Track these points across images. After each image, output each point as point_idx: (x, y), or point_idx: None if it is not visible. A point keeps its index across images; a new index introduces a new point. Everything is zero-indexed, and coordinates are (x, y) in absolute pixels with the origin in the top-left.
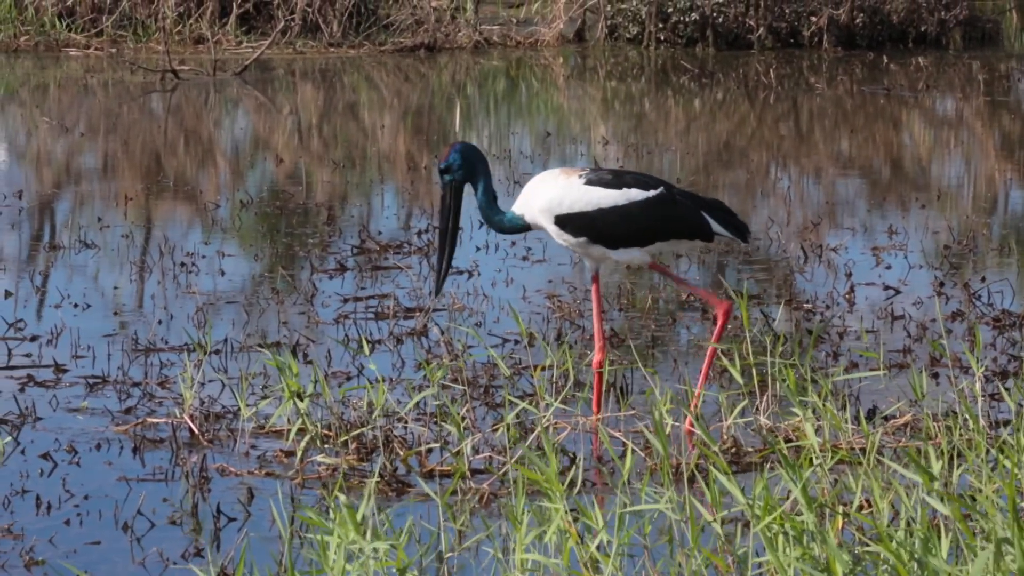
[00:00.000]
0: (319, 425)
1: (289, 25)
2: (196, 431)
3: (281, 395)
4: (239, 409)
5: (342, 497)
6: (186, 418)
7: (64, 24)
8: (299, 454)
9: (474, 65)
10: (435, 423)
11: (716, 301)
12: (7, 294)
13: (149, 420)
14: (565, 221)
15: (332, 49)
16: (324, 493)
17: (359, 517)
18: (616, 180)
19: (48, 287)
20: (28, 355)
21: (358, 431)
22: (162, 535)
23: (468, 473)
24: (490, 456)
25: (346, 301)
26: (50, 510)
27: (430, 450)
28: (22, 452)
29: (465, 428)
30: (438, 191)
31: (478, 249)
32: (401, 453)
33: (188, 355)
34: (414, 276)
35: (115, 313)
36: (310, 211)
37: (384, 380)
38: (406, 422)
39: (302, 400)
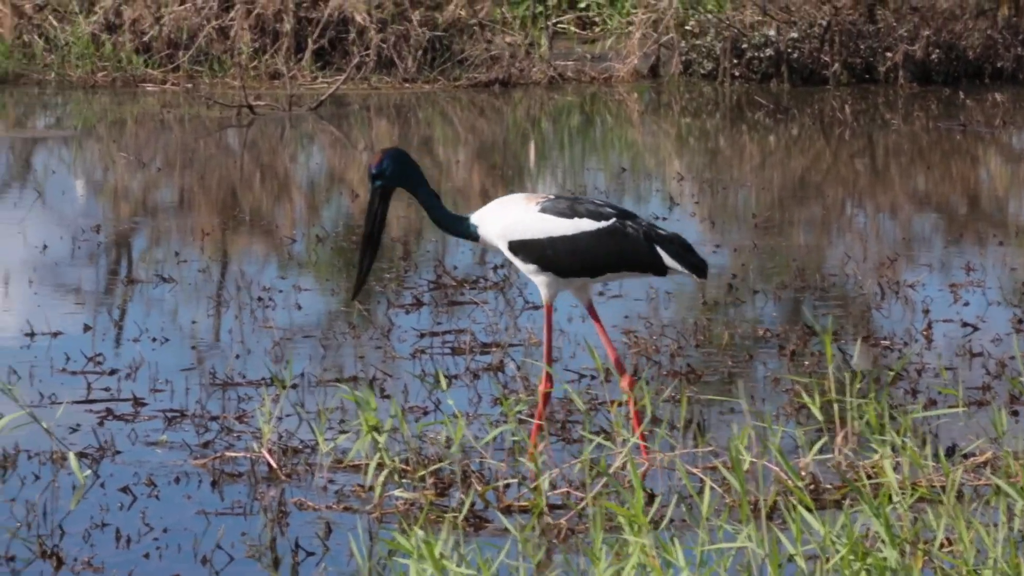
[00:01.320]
0: (397, 460)
1: (364, 61)
2: (274, 465)
3: (359, 430)
4: (317, 443)
5: (418, 532)
6: (264, 452)
7: (141, 60)
8: (377, 489)
9: (548, 100)
10: (512, 458)
11: (622, 371)
12: (86, 328)
13: (227, 454)
14: (518, 248)
15: (407, 84)
16: (402, 528)
17: (437, 552)
18: (569, 210)
19: (126, 321)
20: (107, 389)
21: (436, 466)
22: (241, 569)
23: (546, 508)
24: (568, 491)
25: (422, 336)
26: (130, 543)
27: (508, 485)
28: (102, 485)
29: (542, 463)
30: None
31: None
32: (479, 488)
33: (266, 389)
34: (490, 311)
35: (193, 347)
36: (385, 246)
37: (461, 415)
38: (483, 457)
39: (380, 435)
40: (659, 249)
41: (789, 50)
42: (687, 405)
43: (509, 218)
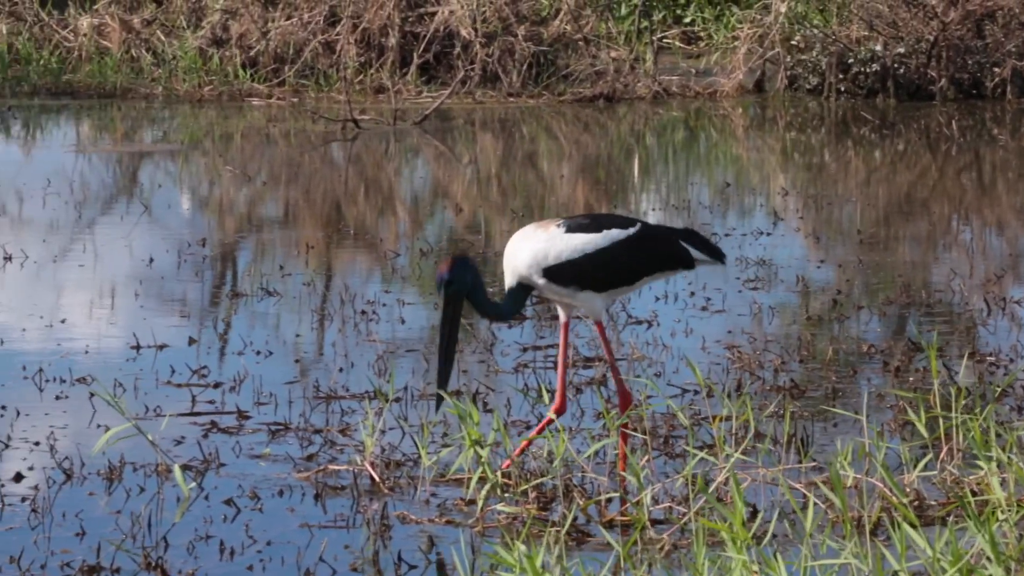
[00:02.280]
0: (499, 474)
1: (469, 75)
2: (377, 479)
3: (461, 443)
4: (419, 457)
5: (520, 547)
6: (367, 466)
7: (248, 74)
8: (479, 503)
9: (653, 115)
10: (615, 473)
11: (624, 391)
12: (191, 341)
13: (331, 467)
14: (555, 272)
15: (511, 99)
16: (505, 541)
17: (539, 565)
18: (595, 224)
19: (231, 334)
20: (211, 402)
21: (538, 480)
22: None
23: (648, 523)
24: (670, 506)
25: (525, 350)
26: (233, 556)
27: (610, 500)
28: (206, 498)
29: (645, 478)
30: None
31: (657, 299)
32: (581, 502)
33: (369, 403)
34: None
35: (297, 360)
36: (489, 260)
37: (564, 429)
38: (586, 471)
39: (483, 448)
40: (686, 244)
41: (895, 65)
42: (790, 420)
43: (536, 247)
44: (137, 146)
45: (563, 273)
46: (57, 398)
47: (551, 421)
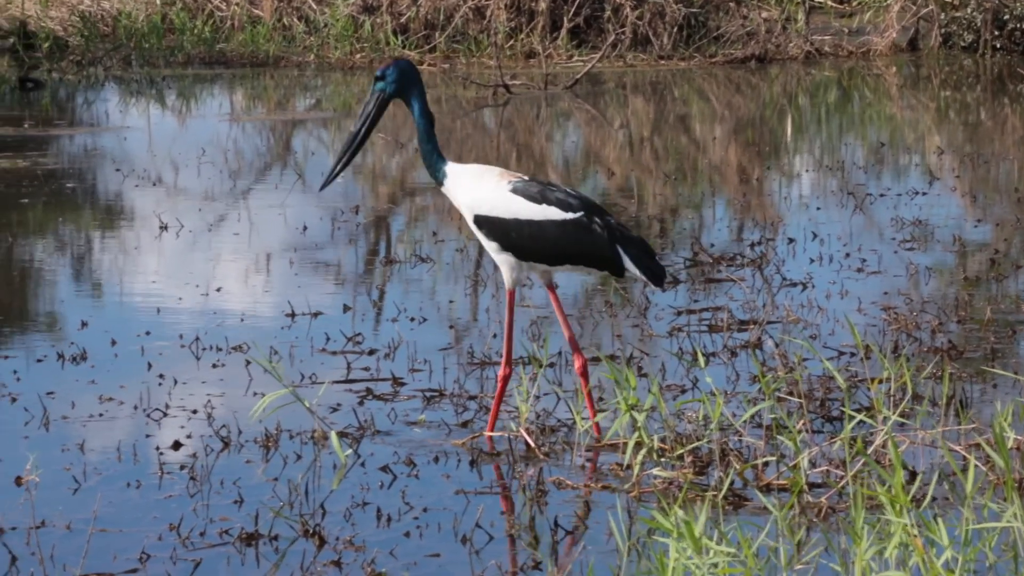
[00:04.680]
0: (655, 438)
1: (620, 38)
2: (532, 444)
3: (616, 408)
4: (574, 422)
5: (678, 511)
6: (522, 431)
7: (399, 40)
8: (635, 467)
9: (805, 76)
10: (771, 436)
11: (577, 352)
12: (345, 308)
13: (486, 433)
14: (483, 222)
15: (662, 62)
16: (661, 506)
17: (697, 531)
18: (540, 195)
19: (385, 301)
20: (367, 369)
21: (694, 444)
22: (500, 548)
23: (806, 487)
24: (828, 470)
25: (679, 314)
26: (390, 522)
27: (766, 463)
28: (362, 465)
29: (802, 441)
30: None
31: (812, 261)
32: (737, 466)
33: (523, 368)
34: (747, 288)
35: (451, 327)
36: (642, 224)
37: (719, 393)
38: (742, 435)
39: (638, 413)
40: (620, 250)
41: None
42: (949, 381)
43: (480, 192)
44: (290, 114)
45: (490, 227)
46: (214, 366)
47: (504, 384)
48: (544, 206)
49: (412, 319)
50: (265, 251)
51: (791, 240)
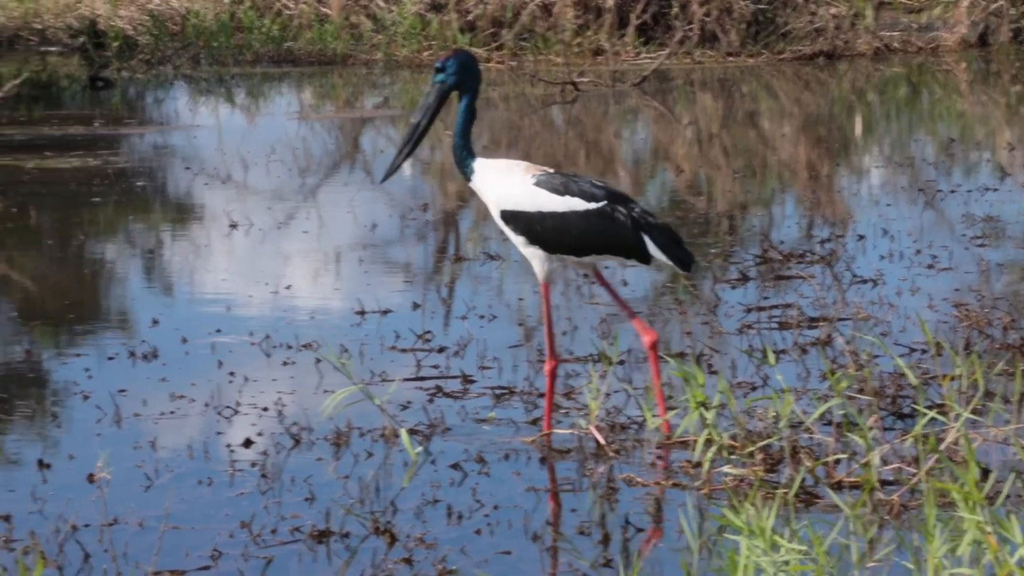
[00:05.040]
0: (725, 436)
1: (687, 35)
2: (602, 442)
3: (687, 406)
4: (645, 420)
5: (749, 509)
6: (592, 429)
7: (466, 38)
8: (706, 465)
9: (874, 72)
10: (842, 434)
11: (643, 328)
12: (415, 306)
13: (556, 430)
14: (509, 217)
15: (730, 58)
16: (732, 504)
17: (768, 528)
18: (563, 187)
19: (454, 299)
20: (436, 366)
21: (765, 442)
22: (571, 545)
23: (877, 484)
24: (899, 467)
25: (749, 311)
26: (461, 520)
27: (837, 461)
28: (432, 462)
29: (873, 438)
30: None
31: (882, 258)
32: (808, 464)
33: (593, 366)
34: (817, 285)
35: (520, 324)
36: (711, 221)
37: (789, 390)
38: (812, 433)
39: (708, 410)
40: (645, 237)
41: None
42: (1021, 378)
43: (505, 187)
44: (358, 112)
45: (516, 222)
46: (284, 364)
47: (553, 378)
48: (567, 198)
49: (481, 316)
50: (334, 249)
51: (861, 237)
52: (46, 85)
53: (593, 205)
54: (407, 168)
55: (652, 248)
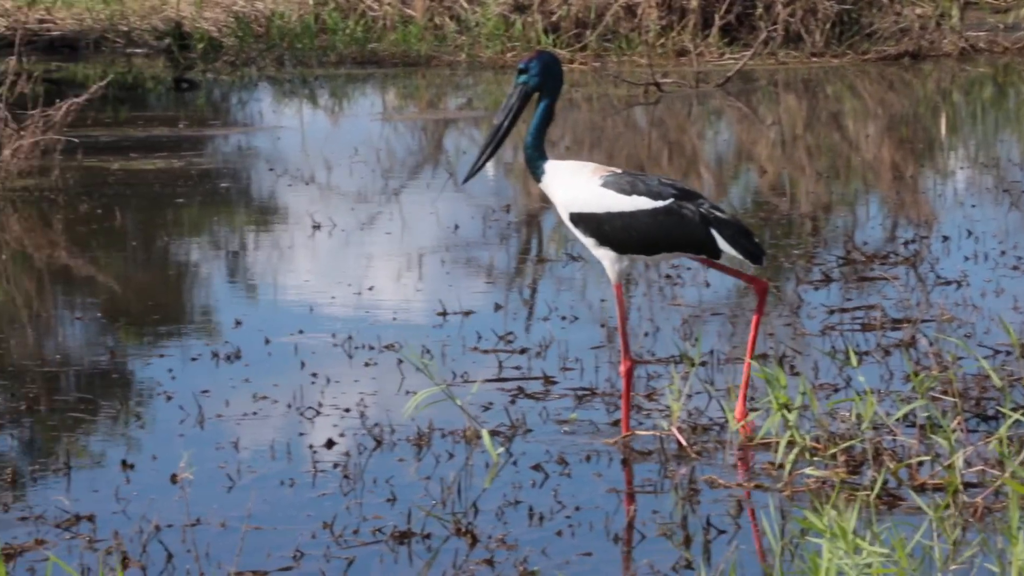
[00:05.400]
0: (807, 437)
1: (771, 36)
2: (684, 443)
3: (769, 407)
4: (727, 421)
5: (831, 511)
6: (674, 430)
7: (549, 39)
8: (788, 467)
9: (959, 72)
10: (925, 435)
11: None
12: (497, 307)
13: (638, 432)
14: (577, 219)
15: (814, 59)
16: (814, 506)
17: (850, 530)
18: (629, 187)
19: (536, 300)
20: (518, 367)
21: (847, 444)
22: (652, 547)
23: (960, 487)
24: (983, 469)
25: (832, 312)
26: (542, 521)
27: (921, 463)
28: (514, 463)
29: (956, 440)
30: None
31: (966, 259)
32: (891, 466)
33: (675, 367)
34: (901, 287)
35: (602, 325)
36: (794, 222)
37: (872, 392)
38: (895, 434)
39: (790, 412)
40: (714, 232)
41: None
42: None
43: (573, 189)
44: (441, 113)
45: (585, 224)
46: (366, 365)
47: (629, 378)
48: (634, 197)
49: (563, 317)
50: (417, 250)
51: (945, 238)
52: (132, 87)
53: (660, 203)
54: (490, 169)
55: (721, 242)
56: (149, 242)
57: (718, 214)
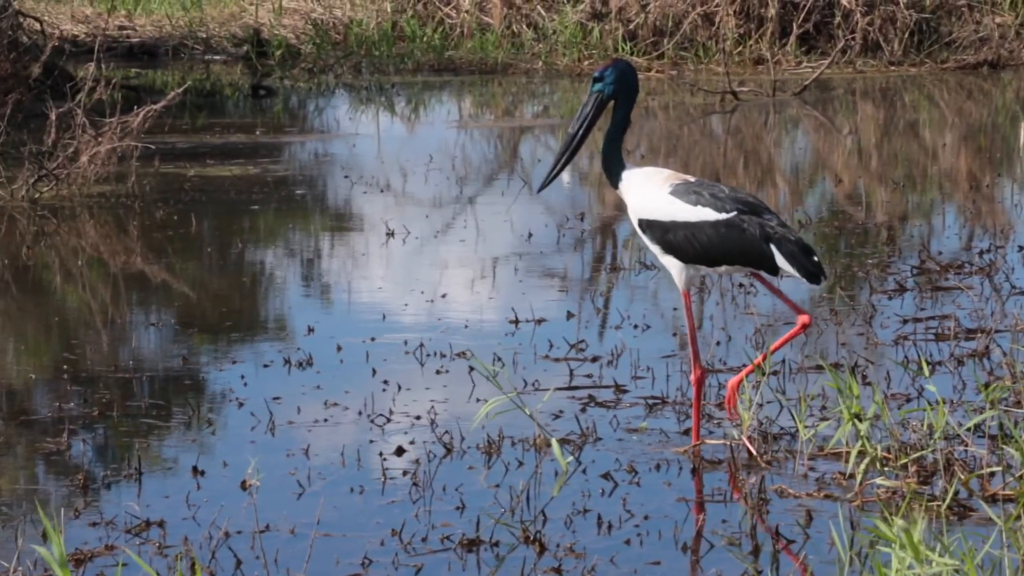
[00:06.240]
0: (878, 447)
1: (849, 44)
2: (754, 452)
3: (840, 417)
4: (797, 430)
5: (899, 522)
6: (744, 439)
7: (627, 47)
8: (858, 477)
9: None
10: (997, 446)
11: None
12: (569, 315)
13: (708, 441)
14: (646, 226)
15: (892, 68)
16: (884, 516)
17: (917, 540)
18: (696, 196)
19: (609, 308)
20: (589, 376)
21: (918, 454)
22: (721, 557)
23: None
24: None
25: (905, 322)
26: (611, 530)
27: (992, 474)
28: (583, 472)
29: None
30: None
31: None
32: (962, 476)
33: (747, 376)
34: (975, 296)
35: (674, 334)
36: (869, 231)
37: (944, 402)
38: (967, 445)
39: (862, 422)
40: (773, 248)
41: None
42: None
43: (643, 196)
44: (517, 121)
45: (652, 231)
46: (437, 372)
47: (700, 387)
48: (699, 207)
49: (636, 326)
50: (491, 258)
51: (1021, 248)
52: (209, 93)
53: (723, 215)
54: (565, 177)
55: (779, 259)
56: (224, 249)
57: (780, 230)
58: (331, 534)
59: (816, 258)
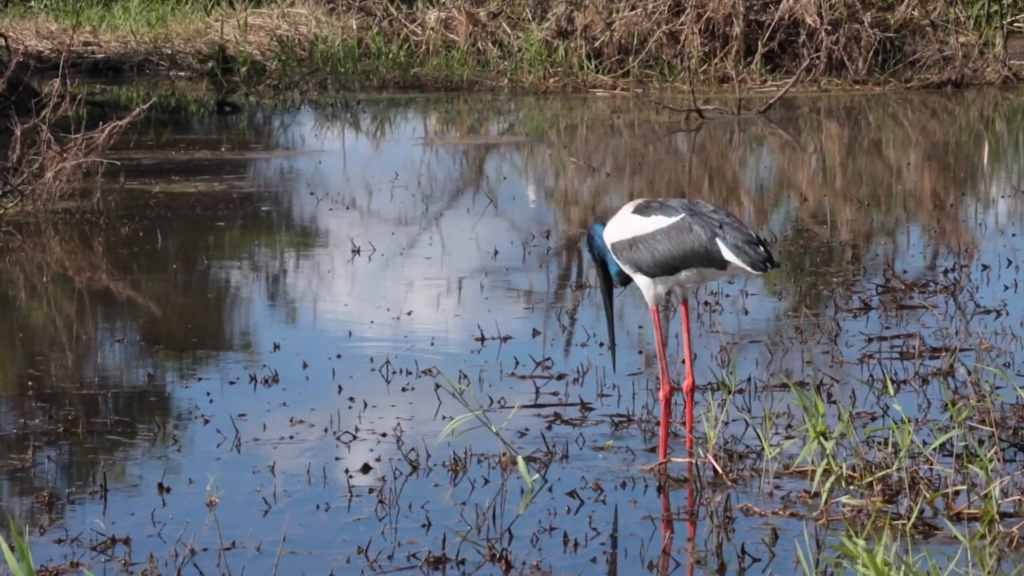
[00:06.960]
0: (844, 466)
1: (814, 63)
2: (720, 471)
3: (805, 435)
4: (763, 449)
5: (860, 542)
6: (710, 457)
7: (592, 65)
8: (824, 495)
9: (1003, 101)
10: (962, 465)
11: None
12: (535, 333)
13: (673, 459)
14: (616, 250)
15: (856, 86)
16: (849, 534)
17: (879, 559)
18: (651, 210)
19: (575, 326)
20: (555, 393)
21: (883, 472)
22: (687, 575)
23: (997, 516)
24: (1020, 499)
25: (870, 341)
26: (577, 548)
27: (957, 492)
28: (549, 489)
29: (993, 470)
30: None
31: (1006, 288)
32: (927, 495)
33: (712, 394)
34: (940, 315)
35: (639, 352)
36: (834, 250)
37: (909, 420)
38: (932, 464)
39: (827, 440)
40: (719, 243)
41: None
42: None
43: (613, 224)
44: (483, 138)
45: (620, 252)
46: (403, 389)
47: (668, 405)
48: (652, 218)
49: (601, 344)
50: (456, 275)
51: (985, 267)
52: (175, 109)
53: (673, 219)
54: (530, 195)
55: (726, 252)
56: (190, 265)
57: (726, 224)
58: (297, 551)
59: (763, 248)
